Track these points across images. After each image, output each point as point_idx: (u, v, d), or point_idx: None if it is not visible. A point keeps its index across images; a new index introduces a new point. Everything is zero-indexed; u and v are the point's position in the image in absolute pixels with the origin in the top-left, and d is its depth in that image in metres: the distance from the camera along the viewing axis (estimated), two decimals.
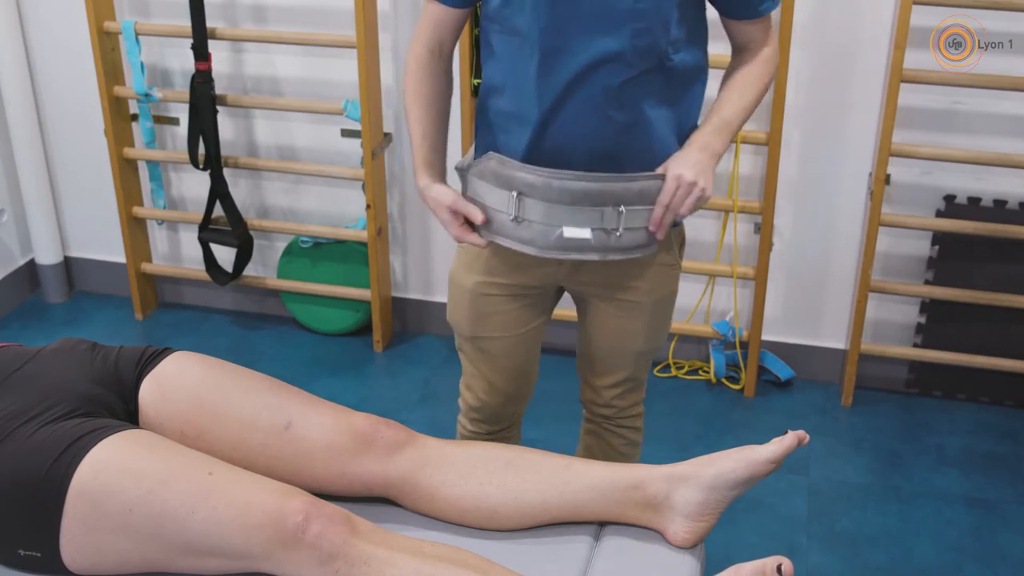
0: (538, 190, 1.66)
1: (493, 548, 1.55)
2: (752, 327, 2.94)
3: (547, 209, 1.67)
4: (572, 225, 1.67)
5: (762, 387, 3.05)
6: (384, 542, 1.43)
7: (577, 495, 1.60)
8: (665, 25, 1.60)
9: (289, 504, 1.41)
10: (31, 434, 1.48)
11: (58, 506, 1.42)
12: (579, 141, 1.66)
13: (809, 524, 2.53)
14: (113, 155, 3.19)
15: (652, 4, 1.58)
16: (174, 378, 1.65)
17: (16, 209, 3.41)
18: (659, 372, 3.12)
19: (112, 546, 1.44)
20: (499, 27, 1.66)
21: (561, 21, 1.58)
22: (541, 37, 1.60)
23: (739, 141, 2.77)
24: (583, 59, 1.60)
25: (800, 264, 2.96)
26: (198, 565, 1.45)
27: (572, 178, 1.64)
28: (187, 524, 1.41)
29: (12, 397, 1.56)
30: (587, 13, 1.58)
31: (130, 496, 1.42)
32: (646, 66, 1.62)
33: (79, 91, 3.24)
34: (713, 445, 2.80)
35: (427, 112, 1.77)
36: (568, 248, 1.69)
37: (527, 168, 1.66)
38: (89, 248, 3.52)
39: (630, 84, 1.62)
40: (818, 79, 2.75)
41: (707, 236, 2.95)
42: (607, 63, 1.60)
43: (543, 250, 1.70)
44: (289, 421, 1.61)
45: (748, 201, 2.85)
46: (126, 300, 3.45)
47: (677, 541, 1.59)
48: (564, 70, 1.61)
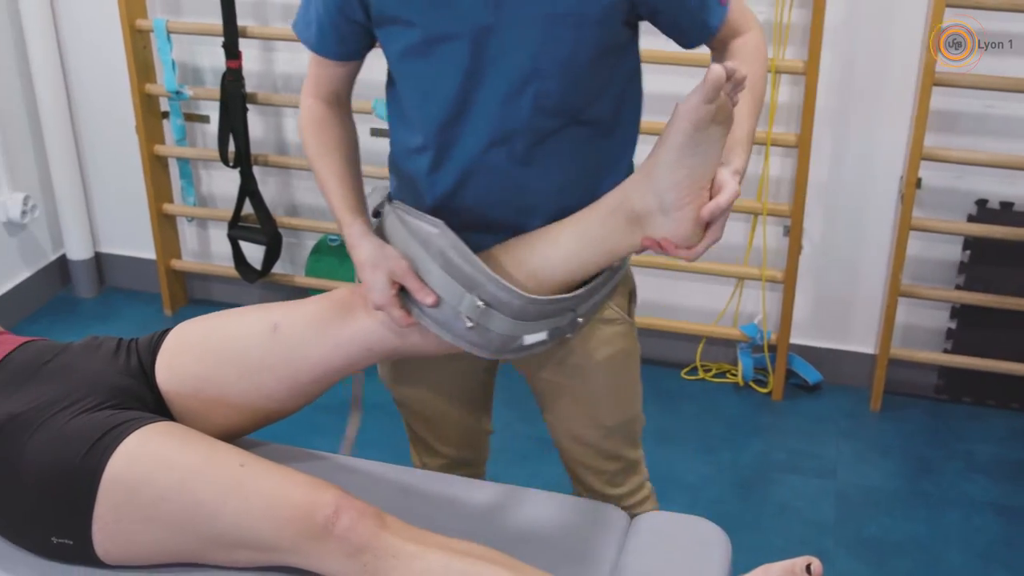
0: (510, 308, 1.49)
1: (521, 547, 1.55)
2: (780, 330, 2.93)
3: (513, 325, 1.51)
4: (531, 332, 1.54)
5: (790, 391, 3.03)
6: (412, 537, 1.43)
7: (563, 264, 1.51)
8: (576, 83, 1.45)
9: (319, 497, 1.42)
10: (64, 423, 1.50)
11: (91, 495, 1.44)
12: (491, 208, 1.53)
13: (836, 529, 2.52)
14: (144, 152, 3.21)
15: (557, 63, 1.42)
16: (175, 346, 1.66)
17: (48, 205, 3.43)
18: (686, 375, 3.11)
19: (143, 536, 1.45)
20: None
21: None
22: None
23: (769, 143, 2.76)
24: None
25: (829, 267, 2.95)
26: (228, 556, 1.46)
27: (549, 303, 1.51)
28: (218, 515, 1.42)
29: (44, 388, 1.57)
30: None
31: (162, 486, 1.43)
32: (557, 126, 1.48)
33: (111, 88, 3.26)
34: (740, 448, 2.80)
35: (336, 156, 1.57)
36: (520, 350, 1.56)
37: (501, 285, 1.47)
38: (119, 244, 3.54)
39: (537, 151, 1.49)
40: (849, 81, 2.73)
41: (736, 239, 2.94)
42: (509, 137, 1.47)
43: (495, 354, 1.55)
44: (275, 323, 1.62)
45: (778, 204, 2.84)
46: (155, 296, 3.47)
47: (678, 238, 1.42)
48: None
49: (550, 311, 1.53)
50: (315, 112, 1.58)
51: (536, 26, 1.40)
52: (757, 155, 2.82)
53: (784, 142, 2.76)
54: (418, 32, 1.43)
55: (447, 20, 1.40)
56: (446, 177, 1.52)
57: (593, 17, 1.40)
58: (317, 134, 1.58)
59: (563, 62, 1.42)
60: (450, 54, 1.42)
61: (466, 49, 1.41)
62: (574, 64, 1.43)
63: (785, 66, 2.68)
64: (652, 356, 3.14)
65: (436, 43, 1.43)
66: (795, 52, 2.72)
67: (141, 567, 1.49)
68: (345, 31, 1.51)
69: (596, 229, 1.49)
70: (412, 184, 1.58)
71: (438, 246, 1.49)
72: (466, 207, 1.54)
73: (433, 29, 1.42)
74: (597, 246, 1.50)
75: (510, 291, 1.48)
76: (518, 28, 1.40)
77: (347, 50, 1.54)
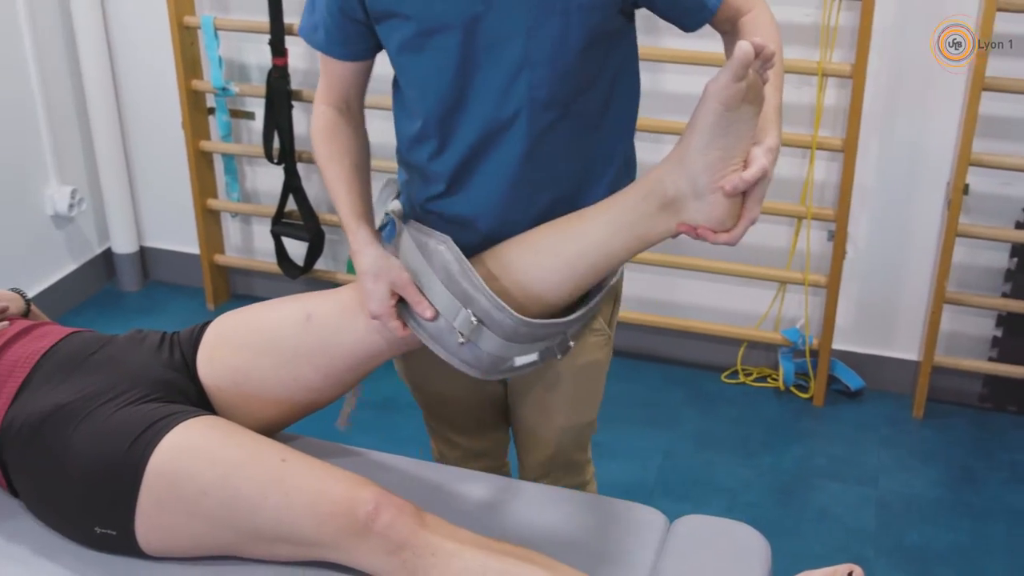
0: (501, 328, 1.50)
1: (558, 547, 1.55)
2: (823, 335, 2.91)
3: (504, 345, 1.52)
4: (522, 355, 1.55)
5: (831, 396, 3.01)
6: (451, 535, 1.43)
7: (596, 250, 1.50)
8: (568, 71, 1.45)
9: (360, 494, 1.42)
10: (109, 415, 1.51)
11: (134, 486, 1.45)
12: (489, 208, 1.55)
13: (876, 537, 2.49)
14: (190, 148, 3.24)
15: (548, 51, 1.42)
16: (213, 340, 1.67)
17: (95, 199, 3.47)
18: (727, 378, 3.09)
19: (185, 528, 1.46)
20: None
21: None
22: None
23: (814, 146, 2.74)
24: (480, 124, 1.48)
25: (874, 273, 2.92)
26: (268, 551, 1.47)
27: (541, 327, 1.52)
28: (259, 510, 1.43)
29: (90, 379, 1.59)
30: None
31: (205, 480, 1.44)
32: (551, 117, 1.48)
33: (158, 84, 3.30)
34: (780, 453, 2.78)
35: (345, 163, 1.59)
36: (511, 371, 1.58)
37: (496, 303, 1.48)
38: (164, 238, 3.57)
39: (534, 144, 1.49)
40: (897, 85, 2.70)
41: (779, 242, 2.92)
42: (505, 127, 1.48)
43: (485, 374, 1.56)
44: (308, 312, 1.63)
45: (822, 208, 2.82)
46: (198, 291, 3.50)
47: (714, 222, 1.40)
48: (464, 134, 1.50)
49: (542, 334, 1.54)
50: (326, 118, 1.60)
51: (525, 13, 1.41)
52: (802, 158, 2.80)
53: (830, 146, 2.74)
54: (413, 25, 1.44)
55: (439, 11, 1.42)
56: (447, 165, 1.54)
57: (583, 4, 1.41)
58: (327, 141, 1.60)
59: (553, 50, 1.43)
60: (443, 45, 1.44)
61: (458, 39, 1.43)
62: (564, 52, 1.43)
63: (832, 69, 2.65)
64: (692, 359, 3.14)
65: (430, 35, 1.44)
66: (842, 55, 2.70)
67: (182, 559, 1.50)
68: (349, 31, 1.52)
69: (628, 215, 1.48)
70: (418, 173, 1.60)
71: (442, 261, 1.51)
72: (467, 195, 1.56)
73: (426, 21, 1.43)
74: (628, 232, 1.49)
75: (504, 310, 1.49)
76: (507, 16, 1.41)
77: (353, 50, 1.56)
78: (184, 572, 1.49)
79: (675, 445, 2.82)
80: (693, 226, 1.43)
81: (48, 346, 1.66)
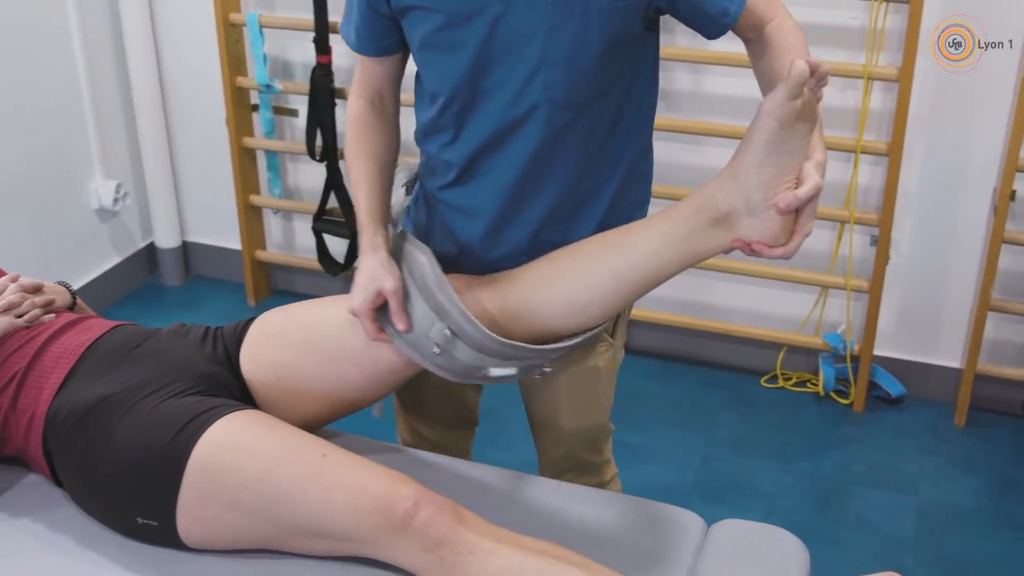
0: (474, 341, 1.55)
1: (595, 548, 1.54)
2: (864, 341, 2.88)
3: (478, 357, 1.56)
4: (498, 367, 1.57)
5: (872, 403, 2.98)
6: (489, 534, 1.43)
7: (647, 262, 1.52)
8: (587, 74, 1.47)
9: (399, 490, 1.42)
10: (153, 407, 1.53)
11: (177, 478, 1.46)
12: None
13: (916, 546, 2.47)
14: (233, 144, 3.26)
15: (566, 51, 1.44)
16: (257, 336, 1.69)
17: (139, 193, 3.51)
18: (766, 382, 3.07)
19: (226, 521, 1.47)
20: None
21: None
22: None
23: (859, 151, 2.72)
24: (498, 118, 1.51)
25: (917, 279, 2.89)
26: (307, 545, 1.48)
27: (512, 347, 1.55)
28: (299, 504, 1.44)
29: (134, 371, 1.61)
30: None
31: (246, 473, 1.45)
32: (567, 118, 1.50)
33: (203, 81, 3.32)
34: (819, 459, 2.76)
35: (369, 165, 1.63)
36: (488, 379, 1.61)
37: (467, 318, 1.53)
38: (206, 234, 3.61)
39: (546, 142, 1.52)
40: (943, 89, 2.68)
41: (822, 247, 2.90)
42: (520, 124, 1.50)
43: (460, 378, 1.60)
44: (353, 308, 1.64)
45: (865, 212, 2.80)
46: (239, 286, 3.52)
47: (769, 237, 1.40)
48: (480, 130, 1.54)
49: (513, 354, 1.56)
50: (358, 111, 1.64)
51: (544, 13, 1.42)
52: (845, 162, 2.78)
53: (874, 150, 2.71)
54: (435, 18, 1.47)
55: (461, 5, 1.44)
56: (458, 156, 1.57)
57: (604, 7, 1.42)
58: (356, 135, 1.64)
59: (571, 51, 1.44)
60: (462, 41, 1.46)
61: (478, 36, 1.45)
62: (582, 54, 1.45)
63: (878, 72, 2.63)
64: (732, 363, 3.12)
65: (449, 29, 1.46)
66: (888, 58, 2.67)
67: (222, 551, 1.51)
68: (376, 26, 1.56)
69: (679, 230, 1.49)
70: (431, 161, 1.64)
71: (421, 272, 1.56)
72: (475, 187, 1.59)
73: (447, 15, 1.45)
74: (680, 247, 1.50)
75: (475, 326, 1.53)
76: (527, 15, 1.43)
77: (381, 45, 1.59)
78: (224, 564, 1.50)
79: (713, 449, 2.80)
80: (747, 242, 1.43)
81: (93, 339, 1.68)
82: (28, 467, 1.68)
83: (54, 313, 1.75)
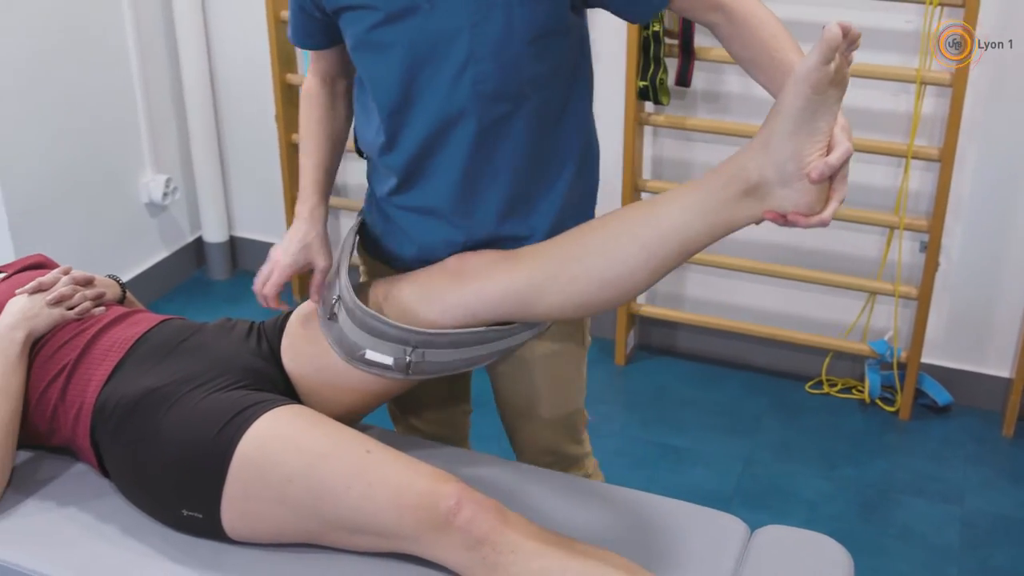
0: (346, 307, 1.61)
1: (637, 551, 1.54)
2: (911, 348, 2.85)
3: (352, 330, 1.60)
4: (374, 349, 1.60)
5: (918, 411, 2.94)
6: (532, 534, 1.43)
7: (676, 234, 1.48)
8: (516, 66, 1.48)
9: (442, 488, 1.43)
10: (199, 401, 1.54)
11: (222, 472, 1.48)
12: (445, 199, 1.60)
13: (961, 557, 2.43)
14: (282, 140, 3.29)
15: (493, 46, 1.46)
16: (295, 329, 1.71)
17: (188, 188, 3.55)
18: (811, 388, 3.04)
19: (269, 515, 1.48)
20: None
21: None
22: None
23: (910, 155, 2.68)
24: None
25: (967, 286, 2.85)
26: (349, 541, 1.49)
27: (371, 317, 1.58)
28: (342, 500, 1.44)
29: (181, 364, 1.62)
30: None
31: (290, 468, 1.46)
32: (503, 111, 1.51)
33: (253, 77, 3.35)
34: (863, 467, 2.73)
35: (319, 136, 1.69)
36: (370, 366, 1.62)
37: (344, 281, 1.62)
38: (253, 229, 3.63)
39: (485, 137, 1.53)
40: (998, 93, 2.64)
41: (870, 252, 2.87)
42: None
43: (347, 359, 1.62)
44: (385, 294, 1.65)
45: (915, 218, 2.76)
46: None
47: (803, 207, 1.38)
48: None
49: (385, 331, 1.58)
50: (309, 87, 1.70)
51: (467, 8, 1.44)
52: (896, 167, 2.75)
53: (926, 155, 2.68)
54: (369, 16, 1.48)
55: (393, 5, 1.46)
56: (398, 159, 1.59)
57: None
58: (308, 110, 1.70)
59: (496, 45, 1.45)
60: (393, 41, 1.48)
61: (408, 36, 1.47)
62: (509, 46, 1.45)
63: (931, 77, 2.60)
64: (776, 368, 3.10)
65: (380, 29, 1.48)
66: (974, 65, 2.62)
67: (265, 545, 1.53)
68: (308, 26, 1.61)
69: (709, 201, 1.46)
70: (374, 166, 1.69)
71: (337, 256, 1.67)
72: (423, 189, 1.61)
73: (385, 13, 1.47)
74: (711, 217, 1.46)
75: (346, 289, 1.60)
76: (451, 13, 1.44)
77: (314, 42, 1.65)
78: (267, 558, 1.52)
79: (756, 454, 2.78)
80: (782, 213, 1.41)
81: (142, 332, 1.70)
82: (76, 457, 1.71)
83: (104, 306, 1.77)
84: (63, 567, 1.52)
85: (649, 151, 2.97)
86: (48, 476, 1.68)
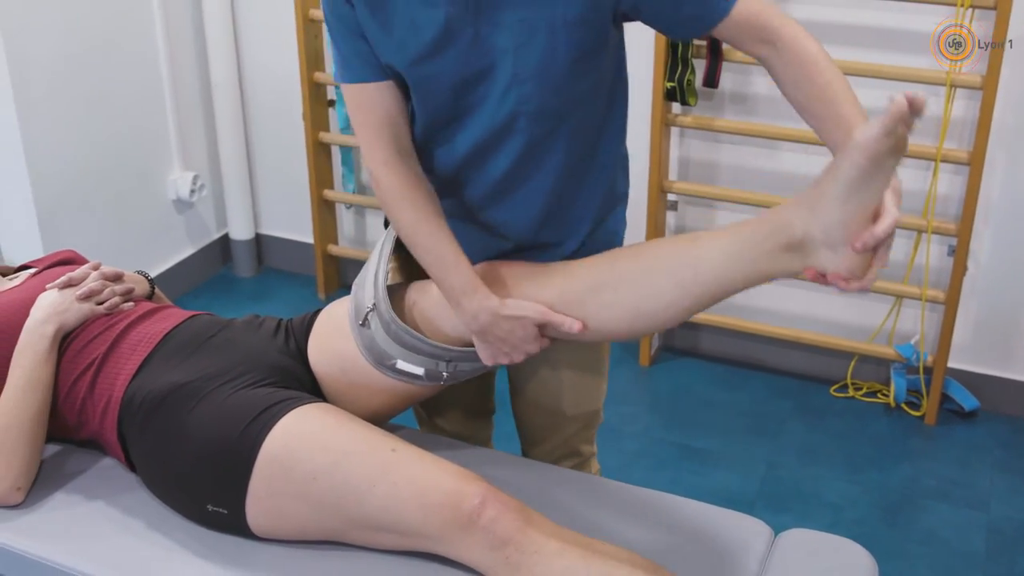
0: (380, 318, 1.60)
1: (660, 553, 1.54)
2: (938, 353, 2.83)
3: (385, 340, 1.61)
4: (406, 360, 1.61)
5: (944, 416, 2.93)
6: (556, 534, 1.43)
7: (713, 278, 1.48)
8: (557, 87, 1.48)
9: (467, 488, 1.43)
10: (226, 397, 1.55)
11: (247, 468, 1.48)
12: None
13: (987, 564, 2.42)
14: (309, 139, 3.30)
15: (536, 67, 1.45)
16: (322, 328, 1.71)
17: (215, 185, 3.57)
18: (836, 391, 3.03)
19: (293, 512, 1.49)
20: None
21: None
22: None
23: (938, 159, 2.67)
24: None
25: (994, 290, 2.83)
26: (372, 539, 1.49)
27: (407, 333, 1.59)
28: (367, 498, 1.45)
29: (208, 360, 1.63)
30: None
31: (316, 465, 1.46)
32: (544, 130, 1.51)
33: (281, 76, 3.37)
34: (887, 471, 2.72)
35: (440, 221, 1.56)
36: (400, 375, 1.63)
37: (381, 292, 1.60)
38: (279, 227, 3.65)
39: (527, 152, 1.53)
40: None
41: (897, 256, 2.86)
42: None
43: (376, 366, 1.63)
44: (413, 299, 1.66)
45: (943, 222, 2.74)
46: (310, 279, 3.57)
47: (845, 271, 1.36)
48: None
49: (414, 344, 1.59)
50: (393, 167, 1.54)
51: (511, 31, 1.43)
52: (925, 170, 2.73)
53: (955, 159, 2.66)
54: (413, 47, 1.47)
55: (436, 34, 1.45)
56: (438, 169, 1.59)
57: (570, 20, 1.42)
58: (404, 197, 1.55)
59: (540, 66, 1.45)
60: (439, 69, 1.47)
61: (457, 56, 1.46)
62: (552, 67, 1.45)
63: (961, 80, 2.58)
64: (801, 371, 3.09)
65: (428, 58, 1.47)
66: (972, 65, 2.62)
67: (289, 542, 1.53)
68: (367, 51, 1.50)
69: (750, 250, 1.45)
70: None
71: (375, 260, 1.65)
72: (458, 199, 1.61)
73: (427, 45, 1.46)
74: (748, 266, 1.46)
75: (383, 303, 1.59)
76: (495, 36, 1.44)
77: (381, 67, 1.52)
78: (291, 554, 1.52)
79: (779, 457, 2.77)
80: (822, 273, 1.40)
81: (170, 327, 1.71)
82: (103, 451, 1.72)
83: (133, 302, 1.78)
84: (88, 560, 1.53)
85: (676, 152, 2.96)
86: (76, 470, 1.70)
